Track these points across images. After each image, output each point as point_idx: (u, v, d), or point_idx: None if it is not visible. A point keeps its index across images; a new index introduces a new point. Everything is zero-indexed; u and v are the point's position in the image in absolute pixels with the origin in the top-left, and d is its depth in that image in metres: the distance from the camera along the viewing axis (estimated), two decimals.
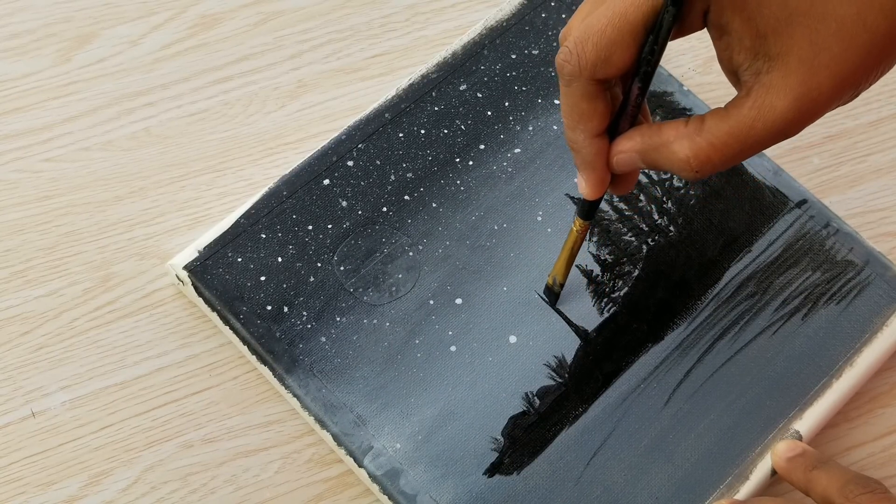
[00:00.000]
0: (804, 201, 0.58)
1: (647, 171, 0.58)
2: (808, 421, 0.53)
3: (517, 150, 0.59)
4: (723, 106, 0.41)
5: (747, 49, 0.39)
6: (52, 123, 0.59)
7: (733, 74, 0.41)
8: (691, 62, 0.64)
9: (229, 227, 0.55)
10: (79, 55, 0.61)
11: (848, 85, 0.40)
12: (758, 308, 0.56)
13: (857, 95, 0.41)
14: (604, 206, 0.57)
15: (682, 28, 0.41)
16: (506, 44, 0.61)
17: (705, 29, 0.41)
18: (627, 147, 0.44)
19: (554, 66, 0.60)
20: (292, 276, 0.54)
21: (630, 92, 0.43)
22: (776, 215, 0.58)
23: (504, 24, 0.62)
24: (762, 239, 0.57)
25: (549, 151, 0.59)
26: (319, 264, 0.55)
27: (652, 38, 0.40)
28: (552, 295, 0.55)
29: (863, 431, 0.56)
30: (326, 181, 0.57)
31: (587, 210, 0.49)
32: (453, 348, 0.54)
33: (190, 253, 0.55)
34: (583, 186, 0.46)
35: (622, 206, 0.58)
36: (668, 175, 0.58)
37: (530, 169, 0.58)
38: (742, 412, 0.53)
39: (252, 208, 0.56)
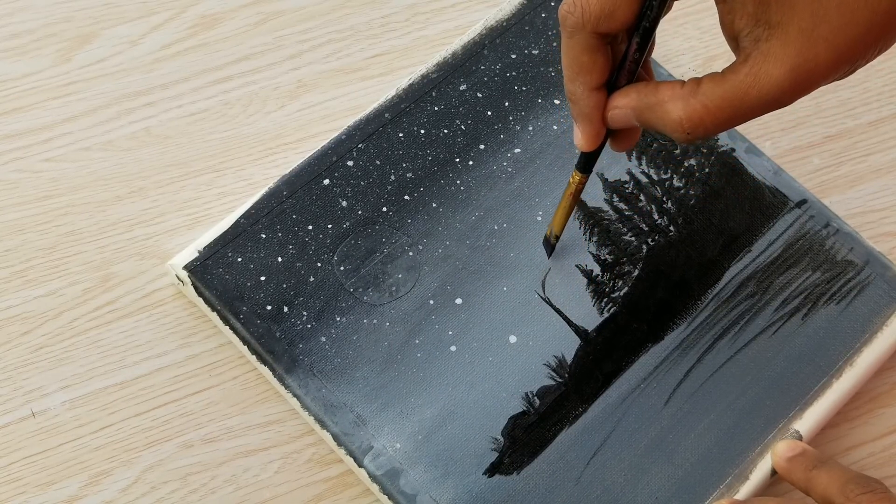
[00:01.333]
0: (804, 201, 0.58)
1: (647, 171, 0.58)
2: (808, 421, 0.53)
3: (517, 150, 0.59)
4: (720, 70, 0.41)
5: (749, 15, 0.40)
6: (52, 123, 0.59)
7: (733, 39, 0.41)
8: (691, 62, 0.64)
9: (229, 227, 0.55)
10: (79, 55, 0.61)
11: (845, 59, 0.40)
12: (758, 308, 0.56)
13: (853, 71, 0.41)
14: (604, 205, 0.58)
15: None
16: (506, 44, 0.61)
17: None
18: (623, 103, 0.44)
19: (554, 67, 0.60)
20: (292, 276, 0.54)
21: (629, 47, 0.43)
22: (776, 215, 0.58)
23: (504, 24, 0.62)
24: (762, 239, 0.57)
25: (549, 151, 0.59)
26: (319, 264, 0.55)
27: None
28: (549, 246, 0.55)
29: (863, 431, 0.56)
30: (326, 181, 0.57)
31: (585, 163, 0.49)
32: (453, 348, 0.54)
33: (190, 253, 0.55)
34: (578, 138, 0.46)
35: (622, 206, 0.58)
36: (668, 175, 0.58)
37: (530, 169, 0.58)
38: (742, 412, 0.53)
39: (252, 208, 0.56)
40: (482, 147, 0.59)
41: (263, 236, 0.55)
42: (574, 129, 0.47)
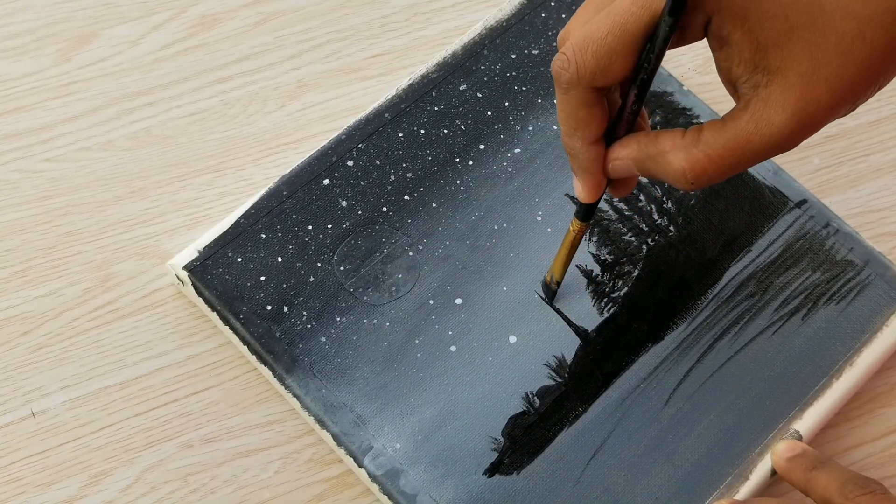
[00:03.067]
0: (804, 201, 0.58)
1: None
2: (808, 421, 0.53)
3: (517, 150, 0.59)
4: (720, 117, 0.41)
5: (747, 61, 0.39)
6: (52, 123, 0.59)
7: (732, 85, 0.41)
8: (691, 62, 0.64)
9: (229, 227, 0.55)
10: (79, 55, 0.61)
11: (846, 99, 0.40)
12: (758, 308, 0.56)
13: (854, 108, 0.41)
14: (604, 206, 0.58)
15: (682, 37, 0.41)
16: (506, 44, 0.61)
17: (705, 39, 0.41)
18: (623, 154, 0.44)
19: None
20: (292, 276, 0.54)
21: (627, 98, 0.42)
22: (776, 215, 0.58)
23: (504, 24, 0.62)
24: (762, 239, 0.57)
25: (549, 151, 0.59)
26: (319, 264, 0.55)
27: (649, 46, 0.40)
28: (549, 292, 0.55)
29: (863, 431, 0.56)
30: (326, 181, 0.57)
31: (585, 212, 0.49)
32: (453, 348, 0.54)
33: (190, 253, 0.55)
34: (579, 190, 0.46)
35: (622, 206, 0.58)
36: None
37: (530, 169, 0.58)
38: (742, 412, 0.53)
39: (252, 208, 0.56)
40: (482, 147, 0.59)
41: (263, 236, 0.55)
42: (574, 181, 0.46)
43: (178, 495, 0.52)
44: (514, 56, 0.61)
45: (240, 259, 0.55)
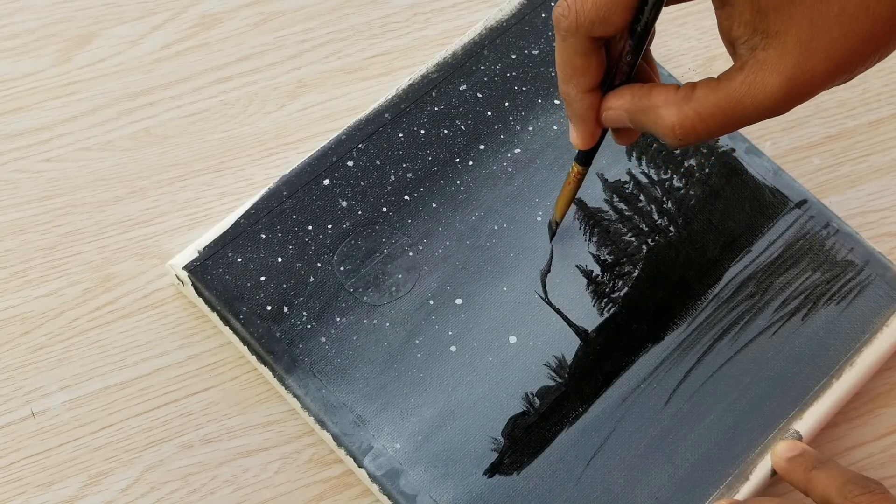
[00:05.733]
0: (804, 201, 0.58)
1: (647, 171, 0.58)
2: (808, 421, 0.53)
3: (517, 150, 0.59)
4: (715, 76, 0.41)
5: (747, 23, 0.39)
6: (52, 123, 0.59)
7: (731, 45, 0.41)
8: (691, 62, 0.64)
9: (229, 227, 0.55)
10: (79, 55, 0.61)
11: (843, 69, 0.39)
12: (758, 308, 0.56)
13: (851, 78, 0.41)
14: (604, 205, 0.58)
15: None
16: (506, 44, 0.61)
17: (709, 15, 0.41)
18: (617, 105, 0.44)
19: (554, 67, 0.60)
20: (292, 276, 0.54)
21: (622, 49, 0.43)
22: (776, 215, 0.58)
23: (504, 24, 0.62)
24: (762, 239, 0.57)
25: (549, 152, 0.59)
26: (319, 264, 0.55)
27: None
28: (550, 230, 0.56)
29: (863, 431, 0.56)
30: (326, 181, 0.57)
31: (583, 157, 0.49)
32: (453, 348, 0.54)
33: (190, 253, 0.55)
34: (574, 137, 0.47)
35: (622, 206, 0.58)
36: (668, 175, 0.58)
37: (530, 169, 0.58)
38: (742, 412, 0.53)
39: (252, 208, 0.56)
40: (482, 147, 0.59)
41: (263, 236, 0.55)
42: (570, 127, 0.47)
43: (178, 495, 0.52)
44: (514, 56, 0.61)
45: (240, 259, 0.55)
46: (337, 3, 0.64)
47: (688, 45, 0.65)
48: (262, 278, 0.54)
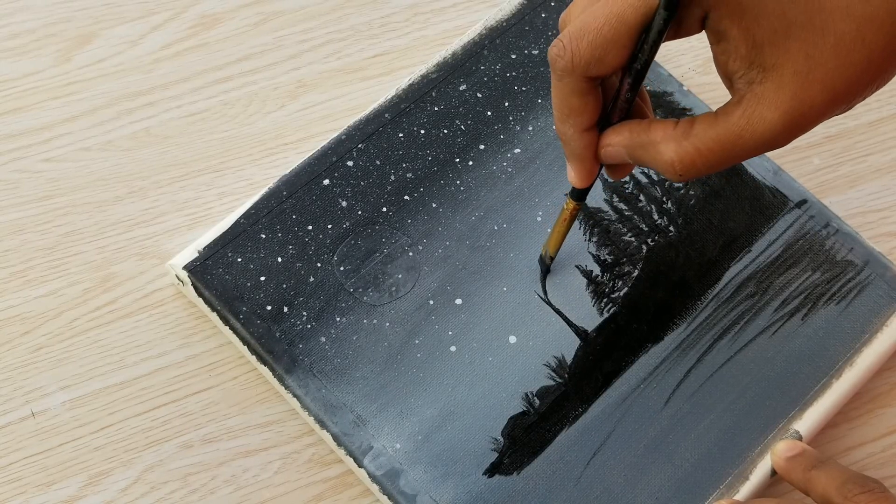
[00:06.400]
0: (804, 201, 0.58)
1: (647, 171, 0.58)
2: (808, 421, 0.53)
3: (517, 150, 0.59)
4: (713, 110, 0.41)
5: (743, 57, 0.39)
6: (52, 123, 0.59)
7: (728, 80, 0.41)
8: (691, 62, 0.64)
9: (229, 227, 0.55)
10: (79, 55, 0.61)
11: (841, 100, 0.39)
12: (758, 308, 0.56)
13: (850, 108, 0.40)
14: (604, 205, 0.58)
15: (678, 31, 0.41)
16: (506, 44, 0.61)
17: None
18: (615, 141, 0.44)
19: None
20: (292, 276, 0.54)
21: (621, 87, 0.43)
22: (776, 215, 0.58)
23: (504, 24, 0.62)
24: (762, 239, 0.57)
25: (549, 151, 0.59)
26: (319, 264, 0.55)
27: (644, 37, 0.40)
28: (544, 265, 0.55)
29: (863, 431, 0.56)
30: (326, 181, 0.57)
31: (578, 195, 0.49)
32: (453, 348, 0.54)
33: (190, 253, 0.55)
34: (571, 176, 0.46)
35: (622, 206, 0.58)
36: None
37: (530, 169, 0.58)
38: (742, 412, 0.53)
39: (252, 208, 0.56)
40: (482, 147, 0.59)
41: (263, 236, 0.55)
42: (567, 166, 0.46)
43: (178, 495, 0.52)
44: (514, 56, 0.61)
45: (240, 259, 0.55)
46: (337, 3, 0.64)
47: (688, 45, 0.65)
48: (262, 278, 0.54)
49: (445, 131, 0.59)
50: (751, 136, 0.40)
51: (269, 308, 0.54)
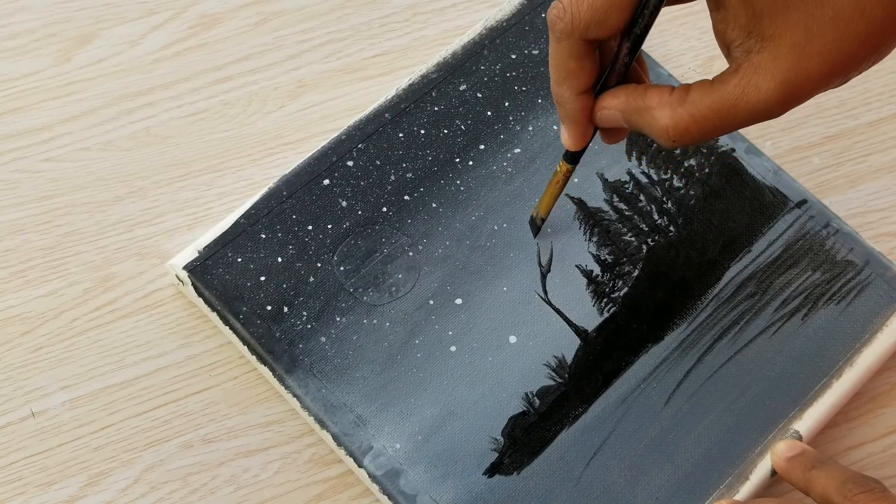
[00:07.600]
0: (804, 201, 0.58)
1: (647, 171, 0.58)
2: (808, 421, 0.53)
3: (517, 150, 0.59)
4: (710, 78, 0.41)
5: (741, 26, 0.39)
6: (52, 123, 0.59)
7: (726, 48, 0.41)
8: (691, 62, 0.64)
9: (229, 227, 0.55)
10: (79, 55, 0.61)
11: (838, 73, 0.40)
12: (758, 308, 0.56)
13: (846, 81, 0.41)
14: (604, 205, 0.58)
15: None
16: (506, 44, 0.61)
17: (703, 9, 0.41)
18: (612, 104, 0.44)
19: None
20: (292, 276, 0.54)
21: (620, 51, 0.43)
22: (776, 215, 0.58)
23: (504, 24, 0.62)
24: (762, 239, 0.57)
25: (549, 151, 0.59)
26: (319, 264, 0.55)
27: (645, 1, 0.40)
28: (535, 227, 0.56)
29: (863, 431, 0.56)
30: (326, 181, 0.57)
31: (572, 157, 0.50)
32: (453, 348, 0.54)
33: (190, 253, 0.55)
34: (565, 138, 0.47)
35: (622, 205, 0.58)
36: (668, 175, 0.58)
37: (530, 169, 0.58)
38: (742, 412, 0.53)
39: (252, 208, 0.56)
40: (482, 147, 0.59)
41: (263, 236, 0.55)
42: (561, 128, 0.47)
43: (178, 495, 0.52)
44: (514, 56, 0.61)
45: (240, 259, 0.55)
46: (337, 3, 0.64)
47: (688, 45, 0.65)
48: (262, 278, 0.54)
49: (445, 131, 0.59)
50: (745, 104, 0.40)
51: (269, 308, 0.54)
